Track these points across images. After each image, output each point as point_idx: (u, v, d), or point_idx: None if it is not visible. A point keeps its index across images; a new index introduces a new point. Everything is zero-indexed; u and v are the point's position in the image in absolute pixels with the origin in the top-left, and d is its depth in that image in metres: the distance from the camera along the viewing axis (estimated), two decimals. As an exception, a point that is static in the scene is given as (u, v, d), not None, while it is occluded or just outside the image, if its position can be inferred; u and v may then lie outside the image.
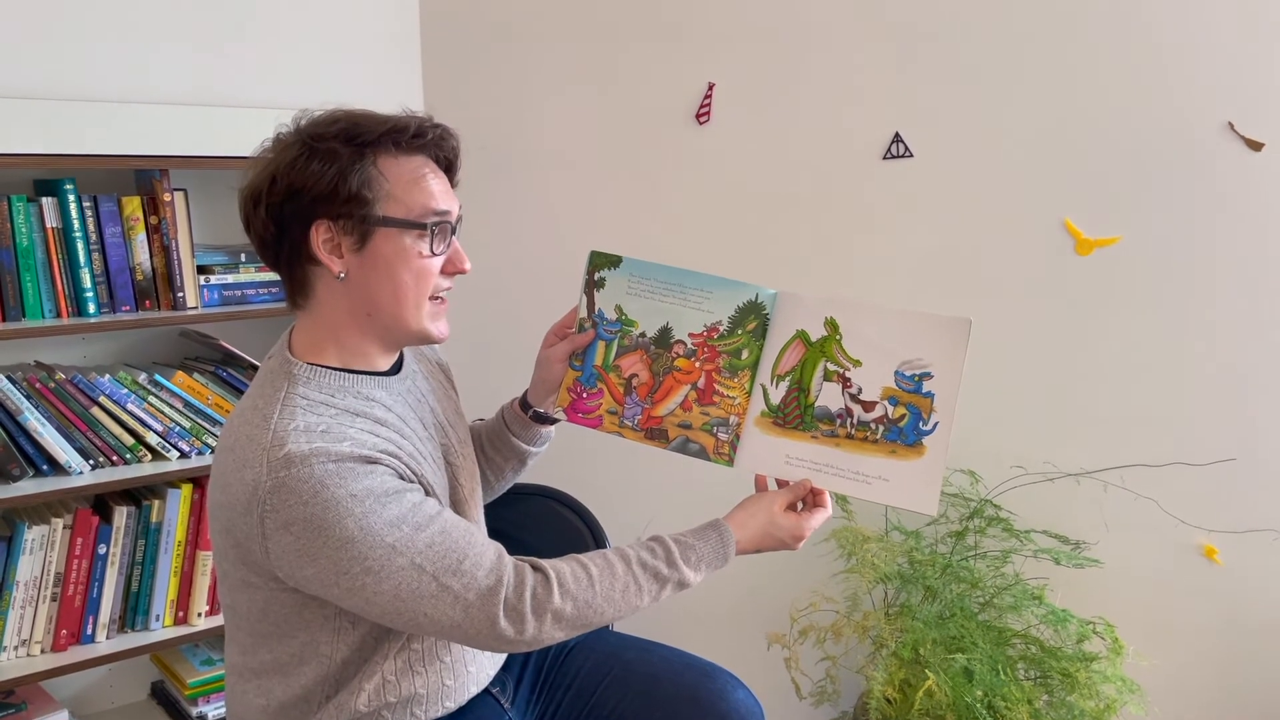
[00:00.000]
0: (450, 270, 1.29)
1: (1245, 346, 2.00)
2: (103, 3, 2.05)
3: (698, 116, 2.28)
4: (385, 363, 1.33)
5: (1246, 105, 1.93)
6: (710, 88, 2.27)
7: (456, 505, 1.38)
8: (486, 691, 1.46)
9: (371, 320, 1.27)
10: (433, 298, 1.28)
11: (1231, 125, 1.95)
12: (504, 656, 1.51)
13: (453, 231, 1.29)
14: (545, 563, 1.24)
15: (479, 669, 1.43)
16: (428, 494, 1.25)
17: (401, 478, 1.21)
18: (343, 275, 1.23)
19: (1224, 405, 2.02)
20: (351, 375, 1.27)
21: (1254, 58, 1.92)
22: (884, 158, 2.17)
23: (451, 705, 1.38)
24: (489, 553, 1.21)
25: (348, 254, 1.23)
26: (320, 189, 1.20)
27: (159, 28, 2.12)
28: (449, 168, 1.32)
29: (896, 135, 2.16)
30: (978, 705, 1.82)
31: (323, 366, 1.26)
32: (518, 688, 1.54)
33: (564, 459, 1.89)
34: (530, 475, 1.64)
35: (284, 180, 1.20)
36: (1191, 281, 2.01)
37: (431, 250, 1.25)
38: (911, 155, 2.16)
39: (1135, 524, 2.08)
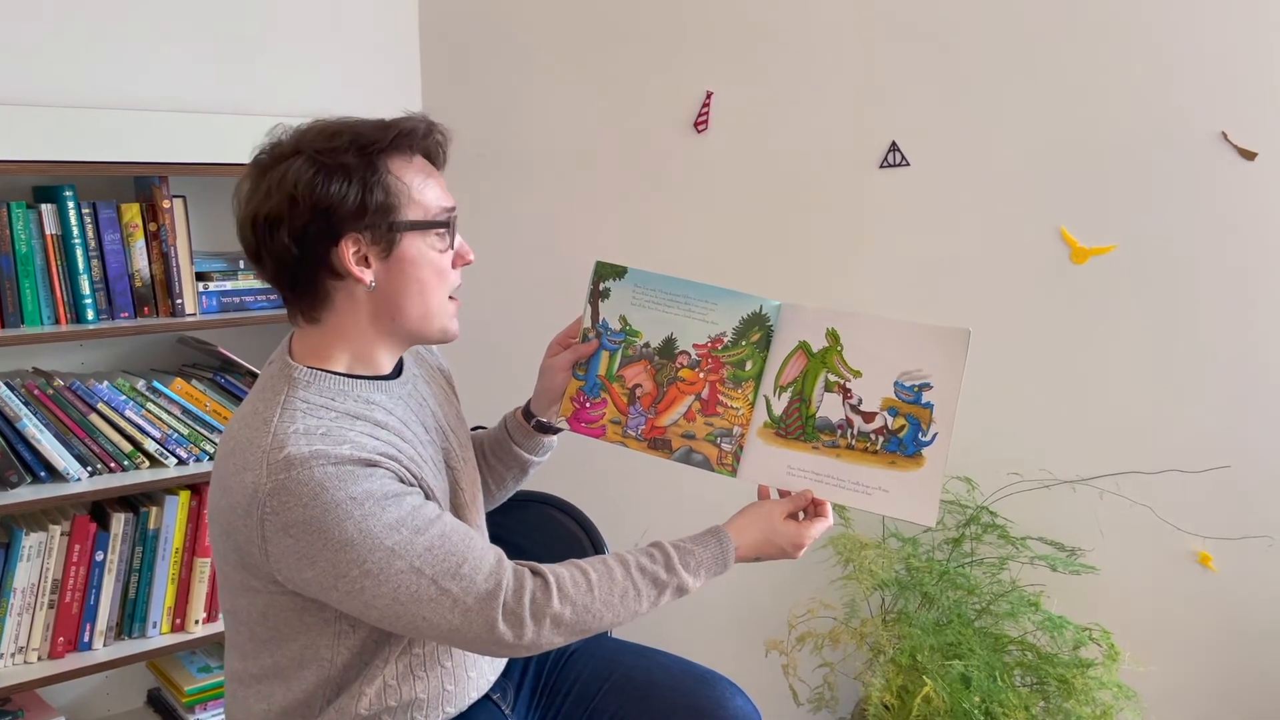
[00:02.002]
0: (459, 264, 1.31)
1: (1239, 354, 2.01)
2: (102, 10, 2.05)
3: (696, 125, 2.29)
4: (388, 365, 1.33)
5: (1240, 115, 1.94)
6: (708, 96, 2.28)
7: (457, 510, 1.39)
8: (487, 697, 1.47)
9: (395, 324, 1.28)
10: (450, 297, 1.31)
11: (1225, 135, 1.96)
12: (504, 662, 1.52)
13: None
14: (544, 567, 1.25)
15: (479, 674, 1.43)
16: (428, 497, 1.26)
17: (401, 481, 1.22)
18: (373, 285, 1.24)
19: (1218, 412, 2.03)
20: (351, 379, 1.28)
21: (1247, 67, 1.93)
22: (880, 166, 2.18)
23: (452, 711, 1.39)
24: (488, 557, 1.22)
25: (375, 263, 1.24)
26: (348, 206, 1.20)
27: (159, 35, 2.12)
28: (439, 161, 1.34)
29: (893, 144, 2.17)
30: (975, 711, 1.82)
31: (323, 371, 1.27)
32: (518, 694, 1.55)
33: (563, 466, 1.89)
34: (530, 482, 1.64)
35: (307, 202, 1.19)
36: (1186, 289, 2.03)
37: (449, 245, 1.28)
38: (908, 164, 2.17)
39: (1131, 531, 2.09)
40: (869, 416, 1.34)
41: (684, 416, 1.41)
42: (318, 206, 1.19)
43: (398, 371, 1.36)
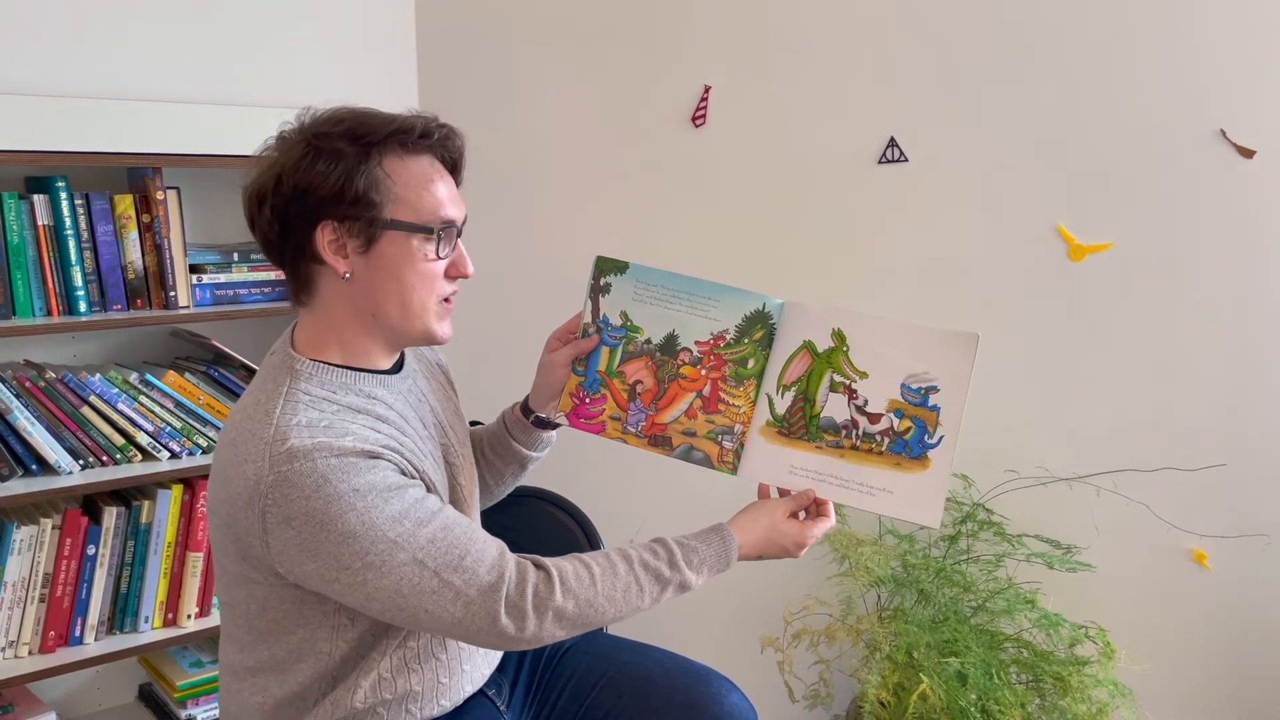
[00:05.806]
0: (453, 274, 1.29)
1: (1236, 352, 2.02)
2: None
3: (694, 120, 2.28)
4: (387, 361, 1.32)
5: (1238, 112, 1.95)
6: (706, 91, 2.26)
7: (455, 505, 1.38)
8: (482, 693, 1.46)
9: (376, 320, 1.26)
10: (442, 300, 1.28)
11: (1223, 132, 1.96)
12: (499, 657, 1.51)
13: (458, 235, 1.28)
14: (548, 560, 1.24)
15: (474, 668, 1.43)
16: (429, 491, 1.25)
17: (403, 473, 1.21)
18: (348, 276, 1.23)
19: (1214, 411, 2.04)
20: (353, 372, 1.27)
21: (1245, 65, 1.93)
22: (879, 162, 2.18)
23: (447, 704, 1.38)
24: (491, 549, 1.21)
25: (353, 255, 1.23)
26: (326, 190, 1.19)
27: (153, 25, 2.10)
28: (454, 168, 1.32)
29: (891, 140, 2.16)
30: (971, 709, 1.82)
31: (325, 363, 1.26)
32: (513, 690, 1.54)
33: (559, 463, 1.88)
34: (527, 478, 1.64)
35: (290, 180, 1.20)
36: (1183, 287, 2.03)
37: (437, 254, 1.25)
38: (906, 160, 2.16)
39: (1127, 529, 2.09)
40: (875, 418, 1.34)
41: (685, 413, 1.41)
42: (298, 186, 1.20)
43: (398, 366, 1.35)
